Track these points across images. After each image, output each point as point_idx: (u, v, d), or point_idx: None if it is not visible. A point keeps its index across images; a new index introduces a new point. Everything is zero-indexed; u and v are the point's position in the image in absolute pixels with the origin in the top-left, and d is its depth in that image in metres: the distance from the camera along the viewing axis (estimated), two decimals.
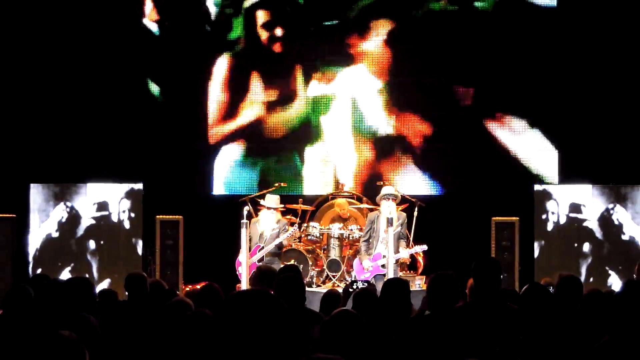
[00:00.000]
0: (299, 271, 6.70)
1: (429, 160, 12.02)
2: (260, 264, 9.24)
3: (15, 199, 11.02)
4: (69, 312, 4.74)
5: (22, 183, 10.73)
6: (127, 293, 6.19)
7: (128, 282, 6.15)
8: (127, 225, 10.32)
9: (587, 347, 4.08)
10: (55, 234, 10.24)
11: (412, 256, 10.44)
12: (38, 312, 5.21)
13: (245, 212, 9.56)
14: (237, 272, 9.73)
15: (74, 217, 10.27)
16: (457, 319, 4.64)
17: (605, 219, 10.19)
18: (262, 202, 10.06)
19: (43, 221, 10.29)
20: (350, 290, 8.86)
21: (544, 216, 10.34)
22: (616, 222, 10.14)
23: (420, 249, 9.74)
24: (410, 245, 10.07)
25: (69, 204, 10.28)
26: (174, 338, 4.25)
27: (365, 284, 9.28)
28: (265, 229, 9.81)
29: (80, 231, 10.25)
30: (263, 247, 9.69)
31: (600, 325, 4.65)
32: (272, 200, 9.99)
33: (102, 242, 10.29)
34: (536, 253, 10.31)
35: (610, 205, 10.14)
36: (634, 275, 7.98)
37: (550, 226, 10.34)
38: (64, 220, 10.25)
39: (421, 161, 12.03)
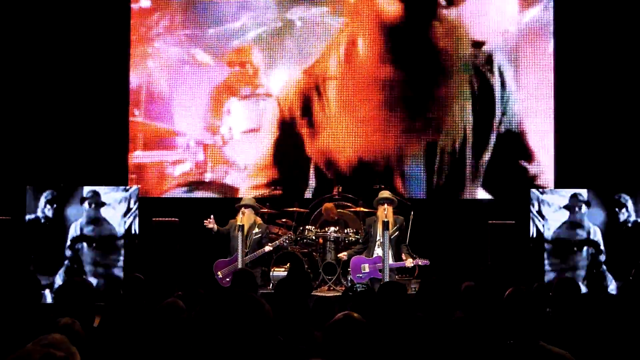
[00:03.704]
0: (307, 275, 6.63)
1: (426, 163, 12.02)
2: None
3: (11, 201, 10.99)
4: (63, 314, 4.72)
5: (19, 185, 10.70)
6: (122, 294, 6.17)
7: (124, 284, 6.13)
8: (123, 228, 10.28)
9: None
10: (50, 236, 10.19)
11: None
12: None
13: (241, 216, 9.59)
14: (216, 277, 9.74)
15: (68, 219, 10.23)
16: (455, 326, 4.63)
17: (604, 224, 10.15)
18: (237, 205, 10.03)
19: (38, 223, 10.24)
20: (350, 293, 8.82)
21: (538, 220, 10.31)
22: (615, 227, 10.10)
23: (422, 262, 9.61)
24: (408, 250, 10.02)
25: (62, 206, 10.25)
26: (160, 340, 4.24)
27: (365, 287, 9.23)
28: (245, 226, 9.72)
29: (75, 233, 10.21)
30: (247, 253, 9.65)
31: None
32: (246, 199, 10.00)
33: (94, 244, 10.24)
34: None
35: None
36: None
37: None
38: (58, 222, 10.21)
39: (420, 164, 12.03)
